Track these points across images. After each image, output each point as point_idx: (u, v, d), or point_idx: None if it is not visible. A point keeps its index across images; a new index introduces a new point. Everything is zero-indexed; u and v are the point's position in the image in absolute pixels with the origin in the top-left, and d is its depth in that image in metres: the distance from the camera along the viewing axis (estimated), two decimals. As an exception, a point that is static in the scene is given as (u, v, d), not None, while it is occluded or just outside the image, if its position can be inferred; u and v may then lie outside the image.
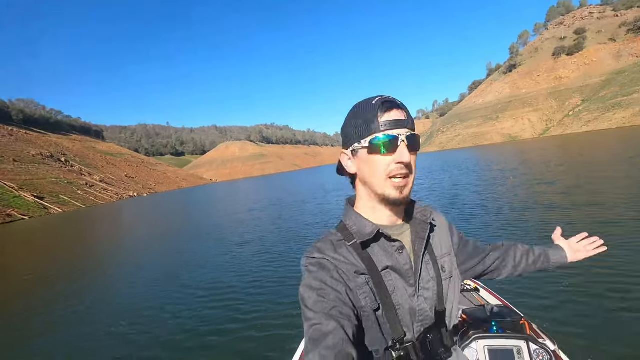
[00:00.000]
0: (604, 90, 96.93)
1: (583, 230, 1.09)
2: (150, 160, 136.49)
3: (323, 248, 0.79)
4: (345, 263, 0.77)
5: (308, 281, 0.73)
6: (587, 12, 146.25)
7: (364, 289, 0.76)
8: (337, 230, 0.84)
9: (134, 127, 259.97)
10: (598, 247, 1.13)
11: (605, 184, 10.13)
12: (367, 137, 0.76)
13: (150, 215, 24.73)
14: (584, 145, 30.33)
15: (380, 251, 0.80)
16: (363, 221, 0.82)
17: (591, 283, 4.02)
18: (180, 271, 7.48)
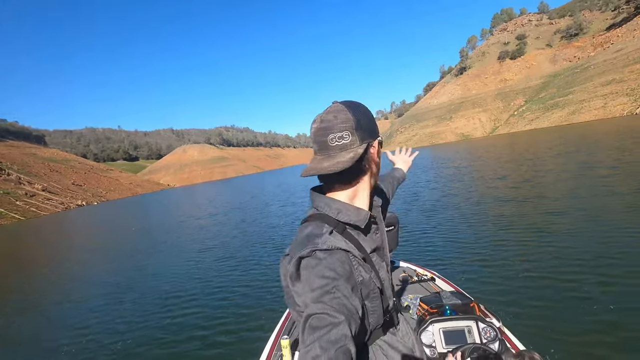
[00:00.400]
0: (543, 92, 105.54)
1: (535, 221, 1.05)
2: (100, 167, 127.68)
3: (330, 238, 0.80)
4: (352, 250, 0.81)
5: (320, 270, 0.73)
6: (527, 19, 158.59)
7: (371, 273, 0.84)
8: (321, 221, 0.86)
9: (80, 131, 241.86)
10: (412, 155, 1.64)
11: (550, 177, 10.93)
12: (378, 135, 0.91)
13: (100, 225, 23.01)
14: (529, 143, 32.74)
15: (367, 236, 0.89)
16: (355, 209, 0.87)
17: (537, 268, 4.39)
18: (135, 283, 6.97)
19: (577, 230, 5.48)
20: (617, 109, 67.70)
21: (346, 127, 0.84)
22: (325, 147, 0.84)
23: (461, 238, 6.27)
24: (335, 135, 0.83)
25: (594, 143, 19.81)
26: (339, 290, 0.71)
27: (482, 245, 5.67)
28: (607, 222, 5.59)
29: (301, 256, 0.77)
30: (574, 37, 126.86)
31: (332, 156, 0.84)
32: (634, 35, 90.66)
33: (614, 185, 8.11)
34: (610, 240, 4.85)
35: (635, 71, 73.68)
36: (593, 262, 4.24)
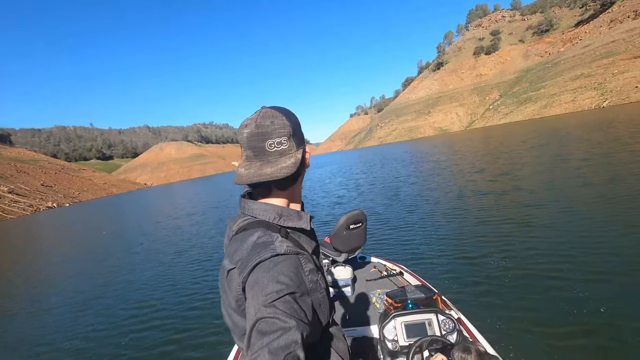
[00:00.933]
0: (517, 86, 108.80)
1: (506, 213, 1.00)
2: (71, 166, 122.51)
3: (279, 244, 0.79)
4: (303, 252, 0.82)
5: (273, 273, 0.72)
6: (500, 15, 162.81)
7: (319, 274, 0.84)
8: (265, 228, 0.84)
9: (49, 129, 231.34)
10: None
11: (525, 170, 11.11)
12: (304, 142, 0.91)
13: (71, 228, 21.96)
14: (504, 136, 33.57)
15: (305, 239, 0.89)
16: (297, 213, 0.89)
17: (505, 259, 4.50)
18: (104, 290, 6.56)
19: (549, 223, 5.51)
20: (585, 103, 70.59)
21: (284, 132, 0.84)
22: (263, 153, 0.83)
23: (435, 232, 6.29)
24: (274, 141, 0.82)
25: (565, 136, 20.45)
26: (292, 296, 0.70)
27: (455, 238, 5.70)
28: (578, 214, 5.66)
29: (261, 260, 0.75)
30: (544, 33, 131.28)
31: (272, 162, 0.83)
32: (600, 32, 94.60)
33: (586, 177, 8.29)
34: (582, 231, 4.90)
35: (601, 66, 76.93)
36: (562, 253, 4.30)
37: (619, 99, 63.25)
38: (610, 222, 5.09)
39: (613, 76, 70.60)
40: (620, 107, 50.10)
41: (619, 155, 10.30)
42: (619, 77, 68.85)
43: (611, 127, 20.12)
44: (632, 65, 69.20)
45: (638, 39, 74.89)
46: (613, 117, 28.91)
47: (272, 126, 0.83)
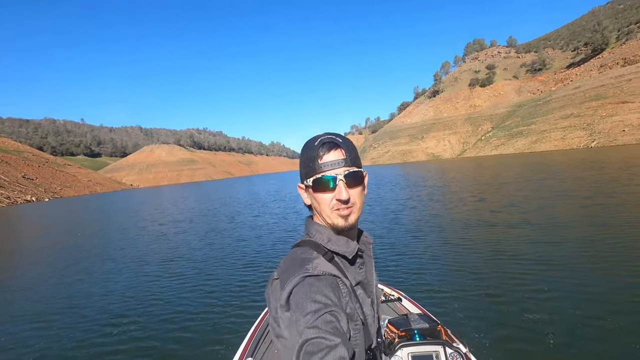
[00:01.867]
0: (509, 120, 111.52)
1: (504, 247, 0.97)
2: (57, 160, 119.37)
3: (318, 264, 0.81)
4: (341, 277, 0.82)
5: (311, 294, 0.74)
6: (496, 51, 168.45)
7: (357, 303, 0.84)
8: (310, 248, 0.88)
9: (38, 121, 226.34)
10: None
11: (530, 204, 10.87)
12: (311, 176, 0.85)
13: (47, 225, 20.83)
14: (499, 167, 33.86)
15: (351, 267, 0.89)
16: (344, 239, 0.89)
17: (504, 293, 4.40)
18: (71, 302, 5.88)
19: (563, 262, 5.16)
20: (574, 141, 72.51)
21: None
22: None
23: (437, 259, 6.03)
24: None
25: (560, 172, 20.61)
26: (331, 314, 0.71)
27: (458, 268, 5.45)
28: (597, 255, 5.32)
29: (294, 285, 0.77)
30: (538, 71, 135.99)
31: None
32: (591, 75, 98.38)
33: (598, 216, 8.05)
34: (586, 272, 4.57)
35: (591, 108, 79.60)
36: (562, 290, 4.00)
37: (606, 140, 65.15)
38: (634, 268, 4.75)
39: (601, 118, 72.97)
40: (607, 149, 51.51)
41: (625, 197, 10.17)
42: (607, 119, 71.19)
43: (604, 167, 20.34)
44: (620, 109, 71.76)
45: (626, 85, 77.99)
46: (604, 158, 29.46)
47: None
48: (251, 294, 5.33)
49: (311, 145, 0.86)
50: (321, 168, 0.83)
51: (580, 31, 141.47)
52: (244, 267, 6.94)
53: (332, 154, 0.83)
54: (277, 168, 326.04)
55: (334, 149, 0.84)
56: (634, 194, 10.52)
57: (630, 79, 79.14)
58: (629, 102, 71.77)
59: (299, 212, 14.47)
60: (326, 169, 0.83)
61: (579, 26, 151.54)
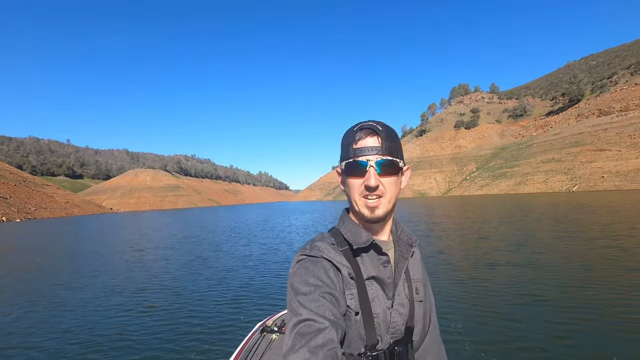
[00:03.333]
0: (493, 161, 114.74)
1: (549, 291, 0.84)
2: (35, 180, 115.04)
3: (321, 247, 0.83)
4: (341, 264, 0.82)
5: (305, 277, 0.76)
6: (480, 96, 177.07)
7: (352, 291, 0.82)
8: (331, 234, 0.89)
9: (22, 139, 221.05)
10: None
11: (538, 244, 10.40)
12: (345, 160, 0.85)
13: (7, 248, 19.15)
14: (489, 206, 33.89)
15: (368, 261, 0.86)
16: (359, 230, 0.87)
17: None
18: (22, 345, 4.88)
19: (586, 309, 4.55)
20: (556, 185, 74.48)
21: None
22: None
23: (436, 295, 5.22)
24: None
25: (552, 212, 20.51)
26: (323, 297, 0.73)
27: (453, 306, 4.67)
28: (622, 301, 4.75)
29: (292, 265, 0.81)
30: (519, 117, 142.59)
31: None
32: (569, 123, 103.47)
33: (617, 259, 7.58)
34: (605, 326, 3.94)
35: (571, 154, 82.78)
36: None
37: (587, 185, 67.13)
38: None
39: (581, 164, 75.71)
40: (589, 193, 52.80)
41: (631, 240, 9.83)
42: (587, 165, 73.86)
43: (596, 210, 20.38)
44: (598, 156, 74.80)
45: (602, 134, 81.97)
46: (590, 201, 29.88)
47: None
48: (238, 336, 4.46)
49: (351, 130, 0.86)
50: (354, 153, 0.83)
51: (558, 82, 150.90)
52: (231, 303, 6.07)
53: (368, 140, 0.83)
54: (264, 198, 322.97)
55: (370, 135, 0.83)
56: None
57: (606, 129, 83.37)
58: (606, 150, 75.01)
59: (289, 244, 13.63)
60: (360, 154, 0.82)
61: (556, 77, 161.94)
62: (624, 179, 63.04)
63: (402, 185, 0.89)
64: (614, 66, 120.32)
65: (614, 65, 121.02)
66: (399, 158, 0.85)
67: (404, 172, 0.89)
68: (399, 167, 0.85)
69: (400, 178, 0.88)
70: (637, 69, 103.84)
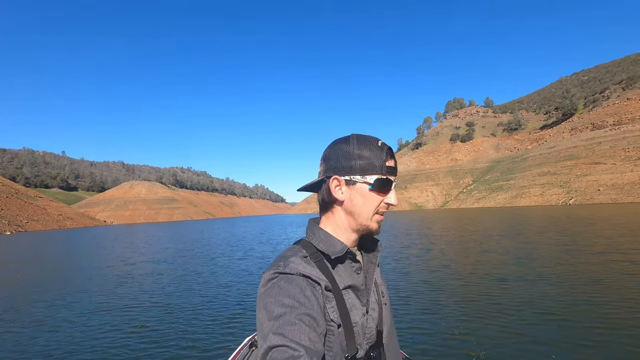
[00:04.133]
0: (489, 174, 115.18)
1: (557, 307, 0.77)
2: (28, 192, 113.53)
3: (295, 261, 0.79)
4: (317, 278, 0.78)
5: (279, 297, 0.72)
6: (475, 110, 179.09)
7: (332, 303, 0.79)
8: (301, 246, 0.85)
9: (16, 151, 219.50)
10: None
11: (543, 258, 10.06)
12: (372, 174, 0.82)
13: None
14: (487, 219, 33.62)
15: (343, 270, 0.85)
16: (333, 240, 0.85)
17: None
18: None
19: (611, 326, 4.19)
20: (553, 198, 74.59)
21: (322, 157, 0.89)
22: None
23: (425, 311, 4.89)
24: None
25: (553, 225, 20.23)
26: (300, 320, 0.68)
27: (446, 319, 4.47)
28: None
29: (263, 283, 0.76)
30: (514, 130, 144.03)
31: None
32: (563, 137, 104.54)
33: (633, 274, 7.23)
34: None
35: (566, 167, 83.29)
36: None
37: (583, 198, 67.28)
38: None
39: (577, 177, 76.10)
40: (586, 207, 52.80)
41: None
42: (582, 179, 74.23)
43: (596, 223, 20.14)
44: (593, 169, 75.28)
45: (597, 147, 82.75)
46: (589, 214, 29.71)
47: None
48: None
49: (373, 143, 0.85)
50: (386, 170, 0.83)
51: (551, 97, 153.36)
52: (226, 322, 5.62)
53: (393, 161, 0.85)
54: (260, 211, 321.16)
55: (393, 158, 0.86)
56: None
57: (600, 142, 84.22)
58: (601, 164, 75.58)
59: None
60: (389, 173, 0.84)
61: (549, 92, 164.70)
62: (620, 192, 63.30)
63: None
64: (605, 81, 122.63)
65: (605, 81, 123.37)
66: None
67: None
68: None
69: None
70: (628, 84, 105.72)
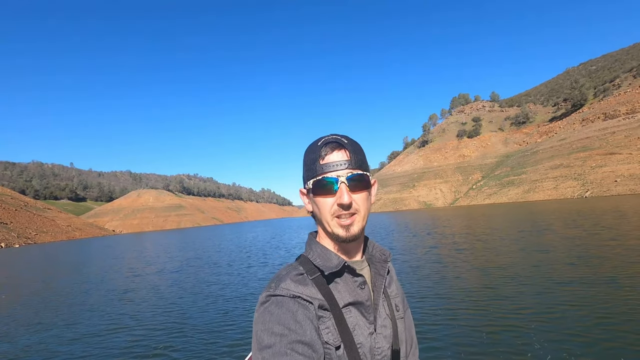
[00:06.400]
0: (498, 170, 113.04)
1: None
2: (37, 204, 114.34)
3: (287, 281, 0.74)
4: (309, 298, 0.73)
5: (270, 325, 0.67)
6: (481, 105, 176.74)
7: (327, 324, 0.73)
8: (299, 263, 0.81)
9: (25, 164, 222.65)
10: None
11: (594, 256, 8.88)
12: (312, 178, 0.78)
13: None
14: (506, 215, 32.22)
15: (343, 286, 0.79)
16: (329, 253, 0.80)
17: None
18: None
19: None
20: (567, 191, 72.51)
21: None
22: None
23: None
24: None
25: (575, 219, 18.90)
26: (292, 349, 0.64)
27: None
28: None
29: (257, 308, 0.72)
30: (522, 124, 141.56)
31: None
32: (574, 128, 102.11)
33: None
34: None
35: (579, 159, 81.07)
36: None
37: (600, 190, 65.16)
38: None
39: (592, 169, 73.90)
40: (602, 199, 50.85)
41: None
42: (598, 170, 72.04)
43: (625, 216, 18.75)
44: (609, 160, 73.03)
45: (611, 137, 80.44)
46: (613, 207, 28.17)
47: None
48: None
49: (314, 145, 0.79)
50: (322, 169, 0.76)
51: (558, 88, 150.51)
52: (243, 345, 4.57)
53: (335, 155, 0.77)
54: (267, 215, 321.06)
55: (337, 150, 0.77)
56: None
57: (614, 132, 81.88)
58: (616, 154, 73.31)
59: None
60: (328, 170, 0.76)
61: (556, 84, 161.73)
62: (639, 182, 61.15)
63: (372, 199, 0.84)
64: (615, 70, 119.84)
65: (615, 69, 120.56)
66: (367, 171, 0.80)
67: (372, 186, 0.84)
68: (369, 181, 0.80)
69: (370, 192, 0.83)
70: (639, 72, 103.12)
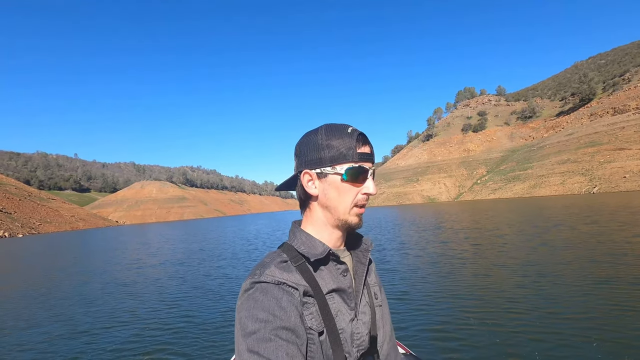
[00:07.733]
0: (504, 164, 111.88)
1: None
2: (40, 194, 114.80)
3: (271, 268, 0.74)
4: (294, 284, 0.73)
5: (254, 311, 0.67)
6: (487, 99, 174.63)
7: (311, 309, 0.74)
8: (282, 250, 0.81)
9: (30, 155, 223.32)
10: None
11: (624, 253, 8.23)
12: (343, 164, 0.77)
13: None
14: (515, 211, 31.54)
15: (327, 273, 0.80)
16: (314, 241, 0.81)
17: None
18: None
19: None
20: (575, 187, 71.50)
21: (294, 151, 0.84)
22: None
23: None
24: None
25: (590, 215, 18.20)
26: (277, 335, 0.64)
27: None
28: None
29: (240, 295, 0.72)
30: (528, 118, 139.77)
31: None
32: (582, 123, 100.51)
33: None
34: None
35: (587, 154, 79.83)
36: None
37: (608, 186, 64.14)
38: None
39: (600, 164, 72.73)
40: (611, 195, 49.91)
41: None
42: (606, 166, 70.88)
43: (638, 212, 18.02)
44: (617, 156, 71.80)
45: (620, 133, 79.01)
46: (625, 203, 27.38)
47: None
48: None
49: (342, 131, 0.79)
50: (357, 158, 0.77)
51: (566, 82, 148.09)
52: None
53: (367, 147, 0.80)
54: (270, 208, 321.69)
55: (367, 144, 0.80)
56: None
57: (623, 127, 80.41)
58: (625, 149, 72.02)
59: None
60: (362, 160, 0.78)
61: (564, 78, 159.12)
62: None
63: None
64: (625, 64, 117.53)
65: (625, 63, 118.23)
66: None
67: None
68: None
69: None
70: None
